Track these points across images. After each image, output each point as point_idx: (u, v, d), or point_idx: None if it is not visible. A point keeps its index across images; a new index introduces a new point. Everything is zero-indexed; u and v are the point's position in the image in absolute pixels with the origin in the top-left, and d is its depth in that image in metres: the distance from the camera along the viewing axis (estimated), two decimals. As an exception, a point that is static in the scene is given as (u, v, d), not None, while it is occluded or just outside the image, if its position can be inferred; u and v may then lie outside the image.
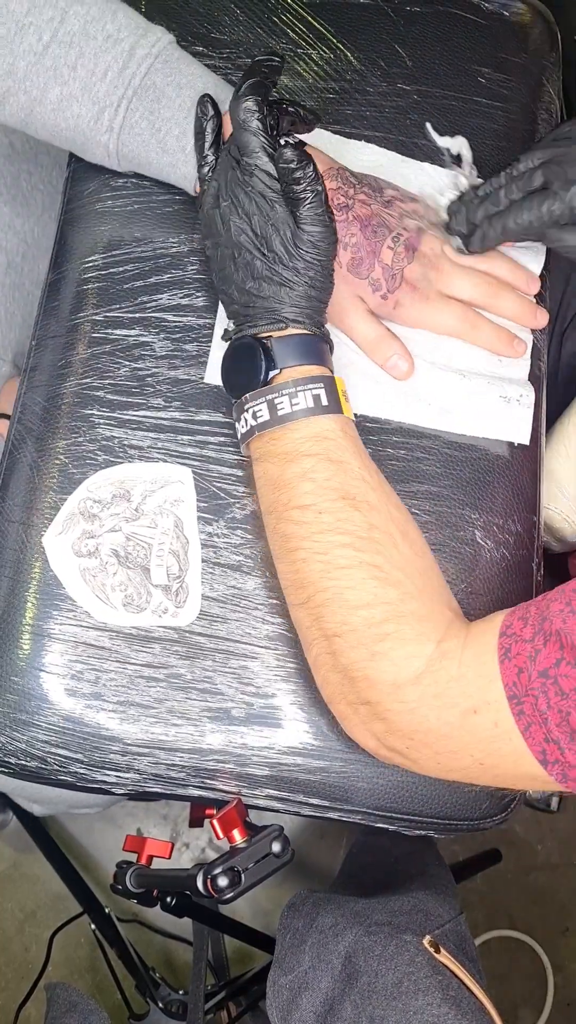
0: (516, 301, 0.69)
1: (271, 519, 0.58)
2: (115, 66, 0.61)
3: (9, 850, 1.38)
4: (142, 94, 0.61)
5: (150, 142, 0.63)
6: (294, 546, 0.56)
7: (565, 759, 0.49)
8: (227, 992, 1.10)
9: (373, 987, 0.65)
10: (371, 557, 0.55)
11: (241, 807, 0.64)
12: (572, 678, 0.48)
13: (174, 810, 1.38)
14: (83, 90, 0.61)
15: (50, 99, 0.61)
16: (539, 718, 0.50)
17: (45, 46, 0.60)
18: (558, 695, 0.49)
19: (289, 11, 0.76)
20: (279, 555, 0.58)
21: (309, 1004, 0.68)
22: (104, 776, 0.63)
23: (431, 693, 0.53)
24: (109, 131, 0.62)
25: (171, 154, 0.63)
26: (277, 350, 0.58)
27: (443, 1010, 0.63)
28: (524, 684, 0.50)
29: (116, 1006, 1.21)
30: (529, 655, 0.50)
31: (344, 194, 0.64)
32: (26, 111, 0.63)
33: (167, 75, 0.62)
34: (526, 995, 1.37)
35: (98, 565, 0.63)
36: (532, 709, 0.50)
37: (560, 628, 0.50)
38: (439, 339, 0.69)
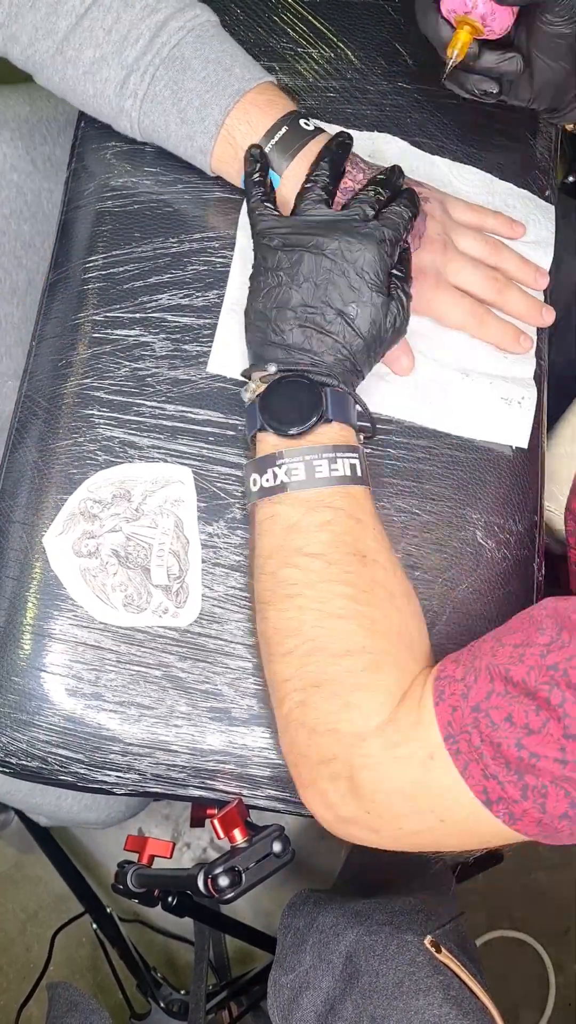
0: (523, 298, 0.69)
1: (273, 562, 0.57)
2: (147, 34, 0.62)
3: (11, 850, 1.38)
4: (169, 64, 0.63)
5: (171, 111, 0.64)
6: (295, 592, 0.56)
7: (507, 794, 0.48)
8: (228, 992, 1.10)
9: (374, 987, 0.65)
10: (367, 610, 0.55)
11: (242, 807, 0.64)
12: (503, 708, 0.48)
13: (175, 810, 1.38)
14: (114, 54, 0.63)
15: (84, 61, 0.63)
16: (475, 755, 0.49)
17: (87, 8, 0.62)
18: (489, 727, 0.48)
19: (289, 10, 0.76)
20: (273, 600, 0.57)
21: (310, 1003, 0.68)
22: (105, 776, 0.63)
23: (391, 742, 0.52)
24: (133, 97, 0.64)
25: (189, 125, 0.64)
26: (330, 400, 0.58)
27: (444, 1010, 0.63)
28: (458, 722, 0.50)
29: (118, 1006, 1.21)
30: (462, 693, 0.50)
31: (352, 178, 0.65)
32: (61, 74, 0.65)
33: (197, 48, 0.63)
34: (527, 995, 1.37)
35: (98, 565, 0.63)
36: (467, 747, 0.49)
37: (490, 663, 0.50)
38: (443, 335, 0.69)
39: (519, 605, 0.67)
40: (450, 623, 0.65)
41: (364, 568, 0.56)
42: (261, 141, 0.63)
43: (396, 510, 0.66)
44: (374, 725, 0.53)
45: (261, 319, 0.60)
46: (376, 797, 0.53)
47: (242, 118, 0.63)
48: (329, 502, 0.57)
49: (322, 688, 0.54)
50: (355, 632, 0.55)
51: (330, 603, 0.55)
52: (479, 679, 0.50)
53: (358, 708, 0.54)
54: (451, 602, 0.66)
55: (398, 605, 0.57)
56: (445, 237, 0.67)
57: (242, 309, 0.67)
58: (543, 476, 0.71)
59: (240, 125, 0.63)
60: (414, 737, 0.52)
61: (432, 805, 0.52)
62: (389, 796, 0.53)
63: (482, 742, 0.49)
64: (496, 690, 0.49)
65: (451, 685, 0.51)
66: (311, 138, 0.64)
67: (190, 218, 0.70)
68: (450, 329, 0.69)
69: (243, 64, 0.64)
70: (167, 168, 0.70)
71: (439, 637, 0.65)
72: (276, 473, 0.57)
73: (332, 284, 0.58)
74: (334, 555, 0.56)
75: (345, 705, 0.54)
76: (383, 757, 0.52)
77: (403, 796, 0.52)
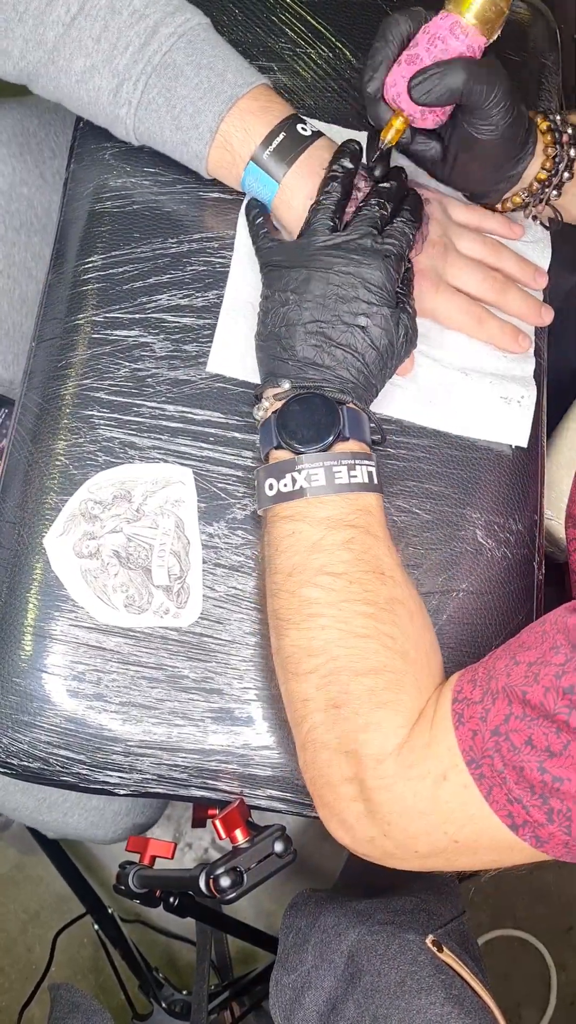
0: (523, 298, 0.69)
1: (294, 580, 0.57)
2: (137, 41, 0.62)
3: (12, 851, 1.38)
4: (161, 71, 0.63)
5: (165, 118, 0.64)
6: (316, 612, 0.56)
7: (532, 818, 0.48)
8: (231, 992, 1.10)
9: (376, 986, 0.65)
10: (388, 628, 0.55)
11: (243, 807, 0.64)
12: (522, 732, 0.48)
13: (177, 810, 1.38)
14: (105, 62, 0.62)
15: (75, 70, 0.63)
16: (498, 779, 0.49)
17: (72, 17, 0.62)
18: (511, 751, 0.48)
19: (288, 10, 0.76)
20: (293, 619, 0.57)
21: (312, 1003, 0.68)
22: (107, 777, 0.63)
23: (408, 762, 0.52)
24: (127, 105, 0.64)
25: (184, 131, 0.64)
26: (348, 419, 0.58)
27: (446, 1009, 0.63)
28: (480, 747, 0.50)
29: (120, 1006, 1.21)
30: (480, 716, 0.50)
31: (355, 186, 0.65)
32: (55, 83, 0.65)
33: (189, 55, 0.63)
34: (530, 994, 1.37)
35: (99, 566, 0.63)
36: (491, 771, 0.49)
37: (506, 684, 0.50)
38: (443, 335, 0.69)
39: (519, 604, 0.67)
40: (450, 622, 0.66)
41: (383, 586, 0.56)
42: (258, 147, 0.63)
43: (396, 510, 0.66)
44: (393, 746, 0.53)
45: (271, 339, 0.60)
46: (391, 818, 0.53)
47: (238, 124, 0.63)
48: (350, 520, 0.57)
49: (343, 708, 0.54)
50: (377, 651, 0.55)
51: (352, 622, 0.55)
52: (497, 701, 0.50)
53: (378, 728, 0.54)
54: (451, 601, 0.66)
55: (415, 621, 0.57)
56: (445, 239, 0.67)
57: (241, 309, 0.68)
58: (543, 475, 0.71)
59: (236, 131, 0.63)
60: (427, 757, 0.52)
61: (444, 825, 0.52)
62: (403, 817, 0.53)
63: (505, 766, 0.48)
64: (515, 713, 0.49)
65: (469, 708, 0.51)
66: (309, 143, 0.63)
67: (189, 218, 0.70)
68: (450, 329, 0.69)
69: (236, 68, 0.64)
70: (166, 169, 0.70)
71: (439, 636, 0.65)
72: (295, 478, 0.57)
73: (342, 300, 0.58)
74: (355, 573, 0.56)
75: (365, 725, 0.54)
76: (398, 778, 0.53)
77: (417, 816, 0.52)
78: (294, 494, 0.57)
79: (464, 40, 0.58)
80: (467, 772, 0.50)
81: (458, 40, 0.58)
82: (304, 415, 0.58)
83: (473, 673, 0.53)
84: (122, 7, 0.62)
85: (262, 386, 0.61)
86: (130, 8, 0.62)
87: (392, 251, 0.60)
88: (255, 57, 0.74)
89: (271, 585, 0.59)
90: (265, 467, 0.59)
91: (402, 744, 0.53)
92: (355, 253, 0.59)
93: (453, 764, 0.51)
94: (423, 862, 0.55)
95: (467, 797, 0.51)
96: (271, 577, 0.59)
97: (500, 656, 0.52)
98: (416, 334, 0.62)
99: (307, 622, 0.56)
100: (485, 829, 0.51)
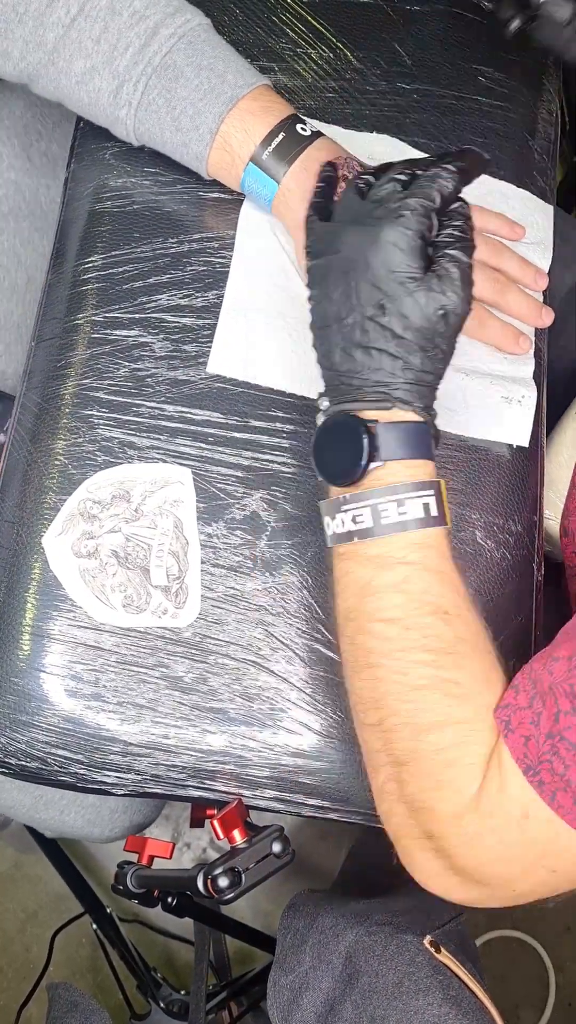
0: (524, 299, 0.69)
1: (351, 627, 0.53)
2: (137, 42, 0.62)
3: (11, 850, 1.38)
4: (161, 72, 0.62)
5: (165, 120, 0.64)
6: (373, 662, 0.52)
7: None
8: (229, 992, 1.10)
9: (374, 987, 0.65)
10: (451, 673, 0.51)
11: (242, 807, 0.64)
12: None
13: (175, 810, 1.38)
14: (105, 63, 0.62)
15: (75, 71, 0.63)
16: (561, 782, 0.47)
17: (72, 19, 0.62)
18: (568, 750, 0.46)
19: (288, 10, 0.76)
20: (354, 668, 0.54)
21: (310, 1004, 0.68)
22: (104, 777, 0.63)
23: (487, 812, 0.49)
24: (127, 106, 0.64)
25: (184, 133, 0.64)
26: (383, 437, 0.51)
27: (444, 1010, 0.63)
28: (535, 752, 0.48)
29: (118, 1006, 1.21)
30: (532, 721, 0.48)
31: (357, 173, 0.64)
32: (55, 84, 0.65)
33: (189, 56, 0.63)
34: (528, 995, 1.37)
35: (98, 566, 0.63)
36: (551, 775, 0.47)
37: (551, 682, 0.48)
38: None
39: (519, 605, 0.67)
40: (449, 623, 0.65)
41: (447, 627, 0.51)
42: (258, 147, 0.63)
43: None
44: (469, 799, 0.50)
45: (318, 341, 0.55)
46: (483, 870, 0.51)
47: (238, 125, 0.63)
48: (402, 557, 0.51)
49: (411, 766, 0.51)
50: (440, 701, 0.51)
51: (411, 672, 0.51)
52: (547, 702, 0.47)
53: (451, 786, 0.50)
54: (450, 602, 0.66)
55: (482, 657, 0.53)
56: None
57: (241, 309, 0.67)
58: (542, 476, 0.71)
59: (236, 132, 0.63)
60: (503, 801, 0.49)
61: (540, 860, 0.50)
62: (495, 866, 0.51)
63: (566, 768, 0.46)
64: (563, 709, 0.46)
65: (516, 713, 0.49)
66: (309, 143, 0.63)
67: (189, 218, 0.70)
68: None
69: (236, 69, 0.63)
70: (166, 168, 0.70)
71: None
72: (343, 520, 0.53)
73: (357, 287, 0.52)
74: (412, 619, 0.51)
75: (438, 784, 0.51)
76: (481, 831, 0.50)
77: (509, 862, 0.50)
78: (344, 537, 0.53)
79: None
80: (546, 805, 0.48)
81: None
82: (333, 443, 0.53)
83: (513, 681, 0.51)
84: (122, 8, 0.62)
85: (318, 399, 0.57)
86: (130, 9, 0.62)
87: (409, 207, 0.51)
88: (256, 57, 0.74)
89: (336, 626, 0.56)
90: (323, 503, 0.55)
91: (478, 795, 0.50)
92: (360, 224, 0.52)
93: (532, 799, 0.48)
94: (525, 898, 0.53)
95: (557, 828, 0.48)
96: (336, 618, 0.56)
97: (537, 659, 0.50)
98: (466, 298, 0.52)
99: (365, 672, 0.53)
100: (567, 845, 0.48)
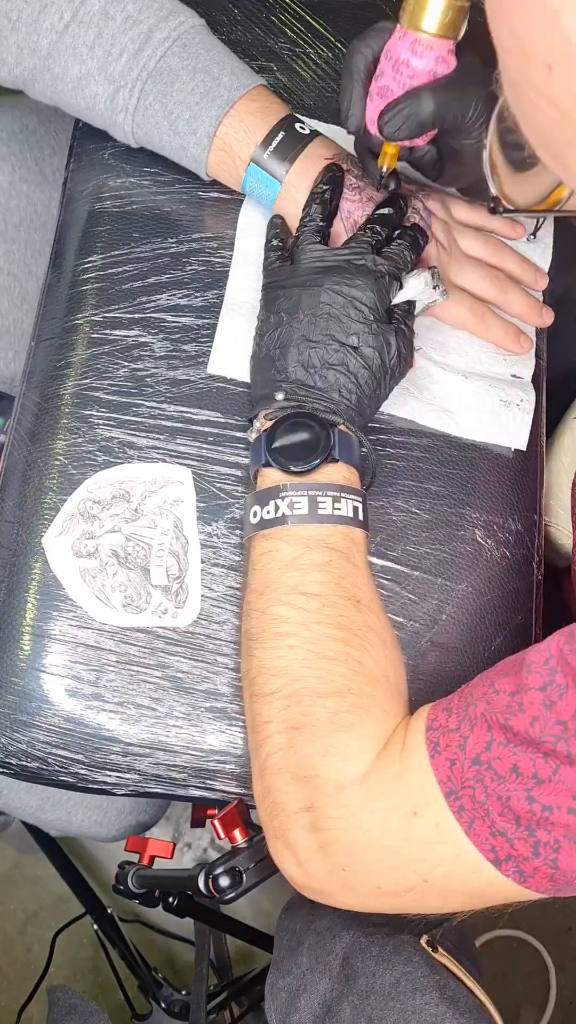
0: (525, 298, 0.69)
1: (266, 598, 0.56)
2: (131, 47, 0.62)
3: (11, 851, 1.38)
4: (156, 77, 0.62)
5: (162, 124, 0.64)
6: (287, 631, 0.55)
7: (516, 852, 0.45)
8: (229, 992, 1.10)
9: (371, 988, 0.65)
10: (358, 654, 0.54)
11: (242, 807, 0.64)
12: (506, 759, 0.45)
13: (176, 810, 1.38)
14: (100, 69, 0.62)
15: (70, 77, 0.63)
16: (480, 811, 0.46)
17: (66, 25, 0.62)
18: (494, 780, 0.46)
19: (287, 10, 0.76)
20: (262, 638, 0.56)
21: (307, 1006, 0.68)
22: (105, 776, 0.63)
23: (375, 792, 0.50)
24: (124, 111, 0.64)
25: (181, 137, 0.64)
26: (338, 439, 0.57)
27: (441, 1009, 0.63)
28: (459, 777, 0.47)
29: (119, 1006, 1.21)
30: (458, 744, 0.48)
31: (356, 176, 0.65)
32: (51, 89, 0.65)
33: (184, 59, 0.63)
34: (528, 994, 1.37)
35: (98, 566, 0.63)
36: (471, 803, 0.47)
37: (484, 710, 0.47)
38: (445, 336, 0.69)
39: (518, 604, 0.67)
40: (449, 622, 0.65)
41: (359, 613, 0.55)
42: (258, 148, 0.63)
43: (396, 510, 0.66)
44: (356, 773, 0.51)
45: (266, 362, 0.60)
46: (353, 850, 0.51)
47: (237, 126, 0.63)
48: (329, 543, 0.56)
49: (304, 730, 0.53)
50: (344, 674, 0.53)
51: (322, 644, 0.54)
52: (475, 728, 0.47)
53: (340, 752, 0.52)
54: (451, 601, 0.66)
55: (388, 652, 0.56)
56: (449, 237, 0.67)
57: (241, 309, 0.67)
58: (542, 475, 0.71)
59: (235, 133, 0.63)
60: (396, 790, 0.50)
61: (414, 863, 0.49)
62: (367, 850, 0.50)
63: (488, 797, 0.46)
64: (496, 739, 0.46)
65: (445, 736, 0.49)
66: (308, 142, 0.64)
67: (189, 218, 0.70)
68: (450, 330, 0.69)
69: (231, 71, 0.63)
70: (165, 168, 0.70)
71: (439, 636, 0.65)
72: (278, 505, 0.57)
73: (332, 317, 0.58)
74: (330, 597, 0.55)
75: (327, 748, 0.52)
76: (362, 808, 0.50)
77: (382, 851, 0.50)
78: (276, 521, 0.57)
79: (429, 55, 0.54)
80: (443, 808, 0.47)
81: (422, 59, 0.54)
82: (294, 436, 0.57)
83: (448, 702, 0.51)
84: (115, 13, 0.62)
85: (255, 408, 0.61)
86: (123, 14, 0.62)
87: (384, 270, 0.59)
88: (254, 57, 0.74)
89: (245, 605, 0.58)
90: (252, 494, 0.59)
91: (368, 772, 0.51)
92: (346, 272, 0.59)
93: (425, 800, 0.48)
94: (388, 901, 0.53)
95: (441, 835, 0.48)
96: (246, 597, 0.58)
97: (477, 683, 0.50)
98: (411, 354, 0.61)
99: (274, 640, 0.55)
100: (460, 867, 0.48)
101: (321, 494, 0.56)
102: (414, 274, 0.61)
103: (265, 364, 0.60)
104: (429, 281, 0.61)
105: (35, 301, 0.85)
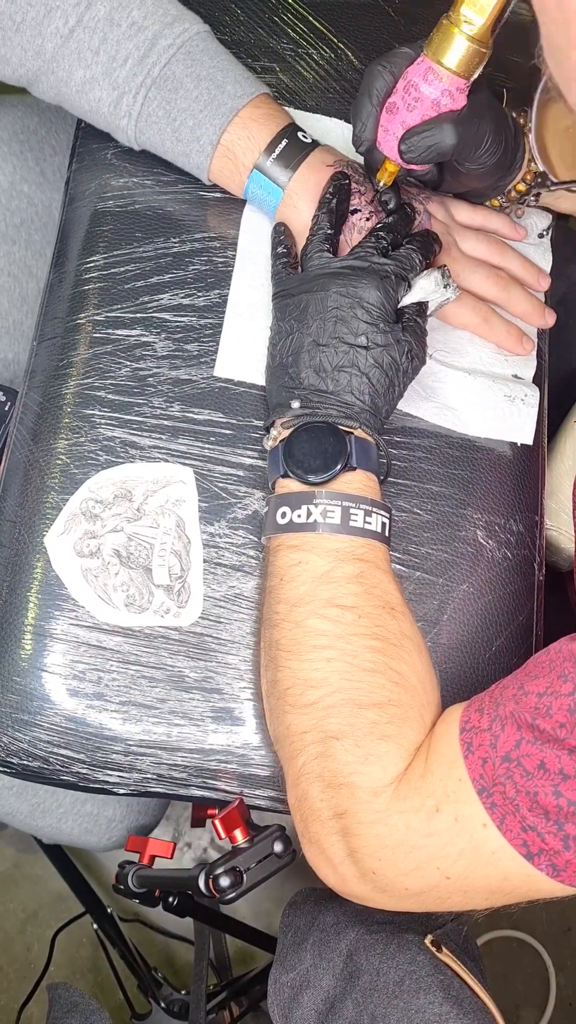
0: (527, 298, 0.69)
1: (300, 610, 0.56)
2: (136, 54, 0.62)
3: (11, 850, 1.38)
4: (161, 84, 0.63)
5: (165, 131, 0.64)
6: (324, 644, 0.55)
7: (548, 846, 0.47)
8: (229, 992, 1.10)
9: (374, 985, 0.65)
10: (396, 664, 0.55)
11: (243, 807, 0.64)
12: (534, 756, 0.47)
13: (176, 810, 1.38)
14: (104, 75, 0.62)
15: (74, 81, 0.63)
16: (511, 807, 0.48)
17: (71, 30, 0.62)
18: (523, 776, 0.47)
19: (290, 11, 0.76)
20: (297, 651, 0.56)
21: (310, 1002, 0.68)
22: (106, 776, 0.63)
23: (401, 795, 0.52)
24: (128, 117, 0.64)
25: (184, 143, 0.64)
26: (356, 446, 0.58)
27: (444, 1009, 0.63)
28: (490, 774, 0.49)
29: (118, 1006, 1.21)
30: (489, 743, 0.49)
31: (357, 181, 0.65)
32: (55, 90, 0.65)
33: (188, 66, 0.63)
34: (528, 995, 1.37)
35: (100, 565, 0.63)
36: (502, 799, 0.48)
37: (514, 710, 0.49)
38: (447, 336, 0.69)
39: (520, 604, 0.67)
40: (451, 622, 0.66)
41: (393, 620, 0.56)
42: (262, 155, 0.63)
43: (397, 510, 0.66)
44: (388, 779, 0.52)
45: (280, 370, 0.60)
46: (381, 854, 0.52)
47: (241, 133, 0.63)
48: (359, 554, 0.56)
49: (343, 740, 0.53)
50: (384, 685, 0.54)
51: (361, 656, 0.54)
52: (506, 727, 0.49)
53: (379, 761, 0.53)
54: (452, 601, 0.66)
55: (422, 656, 0.57)
56: (449, 239, 0.67)
57: (246, 311, 0.68)
58: (543, 476, 0.71)
59: (239, 140, 0.63)
60: (420, 789, 0.51)
61: (436, 860, 0.51)
62: (394, 852, 0.52)
63: (517, 793, 0.47)
64: (526, 738, 0.48)
65: (478, 736, 0.50)
66: (311, 150, 0.64)
67: (191, 218, 0.70)
68: (452, 331, 0.69)
69: (235, 79, 0.64)
70: (168, 168, 0.70)
71: (439, 636, 0.65)
72: (311, 511, 0.57)
73: (340, 320, 0.58)
74: (366, 608, 0.55)
75: (366, 757, 0.53)
76: (390, 811, 0.52)
77: (409, 851, 0.51)
78: (306, 526, 0.57)
79: (437, 85, 0.55)
80: (465, 803, 0.49)
81: (430, 86, 0.56)
82: (311, 444, 0.58)
83: (480, 703, 0.52)
84: (120, 19, 0.62)
85: (271, 416, 0.61)
86: (128, 20, 0.62)
87: (389, 270, 0.59)
88: (257, 58, 0.74)
89: (271, 615, 0.58)
90: (279, 495, 0.59)
91: (399, 777, 0.52)
92: (352, 275, 0.59)
93: (446, 795, 0.50)
94: (415, 900, 0.54)
95: (458, 829, 0.49)
96: (272, 607, 0.58)
97: (508, 685, 0.51)
98: (424, 352, 0.61)
99: (311, 653, 0.55)
100: (490, 862, 0.49)
101: (355, 506, 0.57)
102: (423, 275, 0.61)
103: (279, 372, 0.61)
104: (439, 281, 0.62)
105: (35, 302, 0.86)
